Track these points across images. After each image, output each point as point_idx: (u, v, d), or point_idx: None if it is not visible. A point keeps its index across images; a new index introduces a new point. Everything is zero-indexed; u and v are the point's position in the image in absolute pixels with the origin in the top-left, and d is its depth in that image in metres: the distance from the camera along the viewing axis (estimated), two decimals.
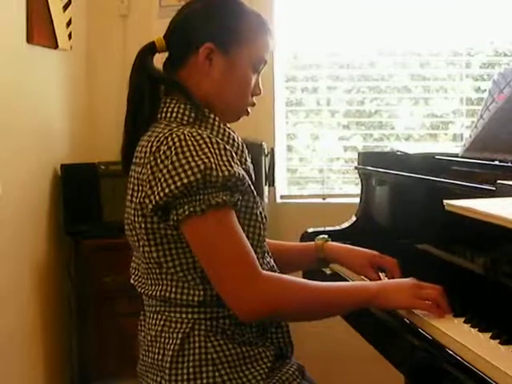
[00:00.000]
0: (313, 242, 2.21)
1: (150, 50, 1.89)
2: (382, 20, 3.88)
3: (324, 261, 2.20)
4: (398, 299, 1.76)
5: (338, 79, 4.04)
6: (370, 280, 2.08)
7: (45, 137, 3.42)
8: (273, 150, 3.75)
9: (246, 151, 1.84)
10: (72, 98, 3.74)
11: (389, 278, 2.07)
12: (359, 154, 2.84)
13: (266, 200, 3.64)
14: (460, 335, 1.58)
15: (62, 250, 3.56)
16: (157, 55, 1.90)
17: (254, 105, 1.92)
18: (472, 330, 1.62)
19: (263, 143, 3.60)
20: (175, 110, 1.80)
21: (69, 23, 3.58)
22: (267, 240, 1.93)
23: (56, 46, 3.45)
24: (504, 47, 3.96)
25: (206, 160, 1.66)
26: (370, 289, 1.80)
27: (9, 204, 3.02)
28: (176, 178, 1.66)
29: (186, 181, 1.65)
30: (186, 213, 1.67)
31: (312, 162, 4.10)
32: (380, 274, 2.11)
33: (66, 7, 3.54)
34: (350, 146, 4.09)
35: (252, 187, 1.80)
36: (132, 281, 1.90)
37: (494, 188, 1.81)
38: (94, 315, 3.47)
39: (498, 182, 1.79)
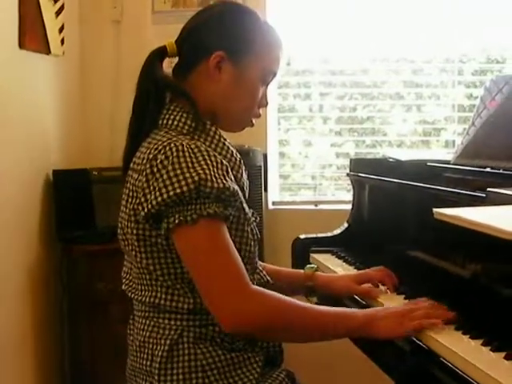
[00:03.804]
0: (301, 271, 2.20)
1: (160, 54, 1.89)
2: (375, 27, 3.89)
3: (311, 289, 2.18)
4: (388, 327, 1.72)
5: (330, 85, 4.04)
6: (361, 295, 2.09)
7: (37, 142, 3.41)
8: (265, 155, 3.75)
9: (243, 167, 1.84)
10: (64, 103, 3.73)
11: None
12: (351, 160, 2.84)
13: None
14: (451, 342, 1.58)
15: (54, 255, 3.55)
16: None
17: (259, 116, 1.92)
18: (463, 336, 1.62)
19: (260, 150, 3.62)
20: (177, 118, 1.80)
21: (61, 29, 3.57)
22: (263, 264, 1.93)
23: (48, 52, 3.45)
24: (496, 54, 3.98)
25: (201, 171, 1.66)
26: (357, 317, 1.75)
27: (0, 209, 3.01)
28: (170, 188, 1.65)
29: (178, 191, 1.65)
30: (177, 221, 1.66)
31: (304, 168, 4.10)
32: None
33: (58, 13, 3.54)
34: (342, 152, 4.09)
35: (244, 204, 1.80)
36: (123, 285, 1.89)
37: (484, 195, 1.81)
38: (86, 321, 3.45)
39: (488, 189, 1.80)
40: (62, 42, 3.60)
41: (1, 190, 3.03)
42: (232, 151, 1.83)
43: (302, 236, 2.72)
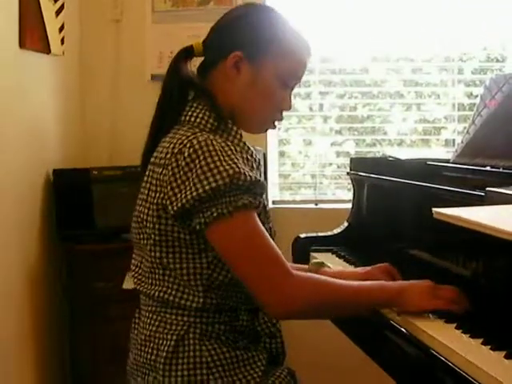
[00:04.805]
0: (306, 266, 2.21)
1: (186, 52, 1.91)
2: (375, 26, 3.89)
3: None
4: (417, 301, 1.77)
5: (330, 84, 4.04)
6: None
7: (37, 142, 3.41)
8: (265, 154, 3.75)
9: (262, 168, 1.87)
10: (64, 103, 3.73)
11: None
12: (351, 159, 2.84)
13: None
14: (451, 341, 1.58)
15: (54, 254, 3.55)
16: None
17: (280, 119, 1.94)
18: (463, 335, 1.62)
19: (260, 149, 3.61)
20: (200, 115, 1.81)
21: (61, 28, 3.57)
22: None
23: (49, 51, 3.44)
24: (496, 53, 3.98)
25: (234, 165, 1.68)
26: (391, 289, 1.81)
27: (0, 208, 3.02)
28: (205, 182, 1.67)
29: (214, 185, 1.66)
30: (215, 214, 1.68)
31: (304, 167, 4.11)
32: None
33: (58, 12, 3.53)
34: (342, 151, 4.09)
35: (266, 202, 1.82)
36: (132, 278, 1.90)
37: (483, 194, 1.81)
38: (86, 320, 3.46)
39: (488, 188, 1.80)
40: (62, 41, 3.60)
41: (1, 189, 3.03)
42: (252, 151, 1.85)
43: (302, 235, 2.72)
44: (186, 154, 1.70)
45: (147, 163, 1.84)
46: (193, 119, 1.81)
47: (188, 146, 1.70)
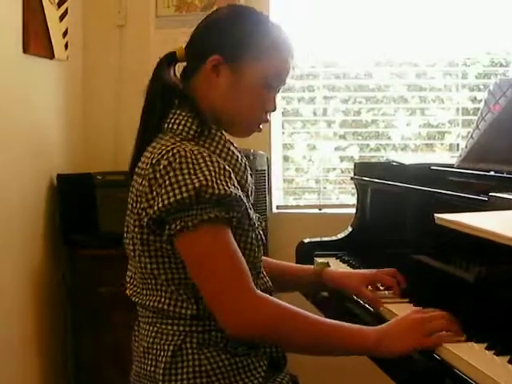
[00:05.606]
0: (311, 266, 2.20)
1: (169, 58, 1.89)
2: (379, 30, 3.88)
3: (321, 285, 2.18)
4: (404, 344, 1.66)
5: (334, 89, 4.04)
6: (367, 299, 2.06)
7: (41, 147, 3.42)
8: (268, 159, 3.75)
9: (249, 172, 1.84)
10: (68, 108, 3.74)
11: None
12: (355, 164, 2.84)
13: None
14: (454, 345, 1.58)
15: (58, 259, 3.56)
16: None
17: (266, 121, 1.91)
18: (467, 340, 1.62)
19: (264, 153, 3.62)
20: (182, 123, 1.79)
21: (65, 33, 3.58)
22: (266, 258, 1.92)
23: (52, 56, 3.45)
24: (500, 57, 3.97)
25: (202, 178, 1.66)
26: (368, 336, 1.70)
27: (5, 213, 3.02)
28: (170, 194, 1.66)
29: (179, 197, 1.65)
30: (178, 227, 1.67)
31: (308, 172, 4.10)
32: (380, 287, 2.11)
33: (62, 17, 3.54)
34: (346, 156, 4.09)
35: (249, 210, 1.79)
36: (128, 290, 1.89)
37: (486, 199, 1.81)
38: (89, 325, 3.46)
39: (491, 194, 1.79)
40: (66, 46, 3.61)
41: (5, 194, 3.03)
42: (237, 156, 1.82)
43: (306, 240, 2.72)
44: (161, 166, 1.69)
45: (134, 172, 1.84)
46: (175, 127, 1.79)
47: (165, 157, 1.69)
